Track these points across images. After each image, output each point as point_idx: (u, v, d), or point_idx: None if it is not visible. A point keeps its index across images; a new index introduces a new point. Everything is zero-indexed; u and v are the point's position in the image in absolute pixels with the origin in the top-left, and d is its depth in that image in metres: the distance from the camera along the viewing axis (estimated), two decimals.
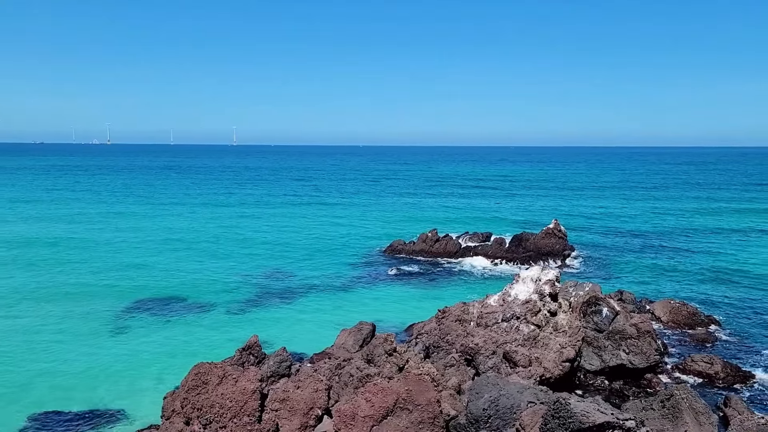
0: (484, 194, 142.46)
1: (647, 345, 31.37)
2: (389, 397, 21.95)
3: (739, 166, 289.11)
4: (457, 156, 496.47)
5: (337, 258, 64.00)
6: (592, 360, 32.04)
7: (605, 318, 33.27)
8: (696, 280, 54.17)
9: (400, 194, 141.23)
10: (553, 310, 31.74)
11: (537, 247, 63.25)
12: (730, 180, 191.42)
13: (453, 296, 45.04)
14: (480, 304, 32.92)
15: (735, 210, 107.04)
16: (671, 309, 41.76)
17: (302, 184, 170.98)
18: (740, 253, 65.88)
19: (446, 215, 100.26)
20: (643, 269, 58.67)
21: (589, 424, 16.39)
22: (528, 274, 33.63)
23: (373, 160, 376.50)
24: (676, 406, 18.50)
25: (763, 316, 42.89)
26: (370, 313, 42.96)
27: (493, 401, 22.40)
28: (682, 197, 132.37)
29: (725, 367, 32.07)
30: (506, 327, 30.70)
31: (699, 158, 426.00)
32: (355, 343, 33.36)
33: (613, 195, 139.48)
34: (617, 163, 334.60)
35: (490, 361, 29.17)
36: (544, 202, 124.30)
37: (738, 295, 48.62)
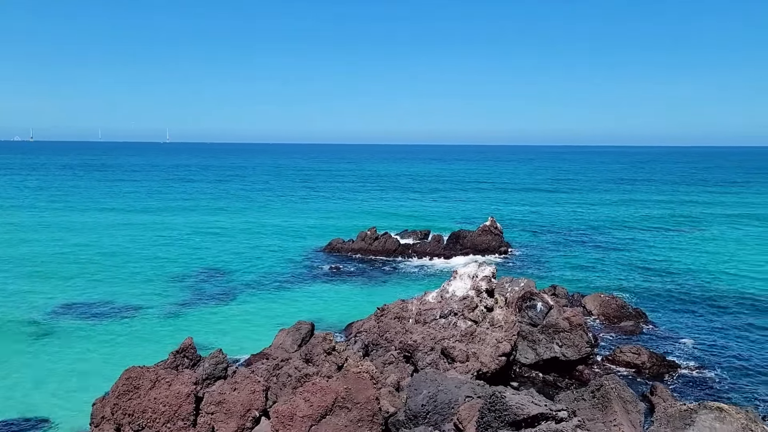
0: (423, 192, 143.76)
1: (579, 338, 32.36)
2: (328, 396, 21.78)
3: (666, 165, 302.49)
4: (395, 154, 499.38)
5: (274, 257, 63.17)
6: (527, 353, 32.83)
7: (539, 312, 34.13)
8: (624, 274, 56.34)
9: (338, 193, 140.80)
10: (489, 306, 32.31)
11: (474, 244, 64.34)
12: (657, 178, 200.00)
13: (392, 294, 45.20)
14: (418, 301, 33.15)
15: (660, 207, 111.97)
16: (601, 302, 43.27)
17: (236, 183, 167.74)
18: (665, 248, 68.97)
19: (385, 213, 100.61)
20: (576, 264, 60.57)
21: (524, 416, 16.74)
22: (465, 271, 34.11)
23: (311, 159, 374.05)
24: (606, 396, 19.14)
25: (686, 307, 45.01)
26: (309, 312, 42.63)
27: (431, 397, 22.57)
28: (613, 195, 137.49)
29: (651, 357, 33.49)
30: (444, 323, 31.02)
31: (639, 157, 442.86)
32: (293, 343, 32.97)
33: (548, 193, 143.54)
34: (553, 162, 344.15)
35: (429, 357, 29.42)
36: (480, 200, 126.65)
37: (663, 288, 50.85)
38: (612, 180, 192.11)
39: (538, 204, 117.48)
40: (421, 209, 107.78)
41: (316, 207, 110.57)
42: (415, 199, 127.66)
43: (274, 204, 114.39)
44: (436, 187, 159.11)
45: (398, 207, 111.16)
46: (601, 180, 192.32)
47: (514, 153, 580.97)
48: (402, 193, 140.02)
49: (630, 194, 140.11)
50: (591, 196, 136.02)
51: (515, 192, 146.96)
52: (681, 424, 15.57)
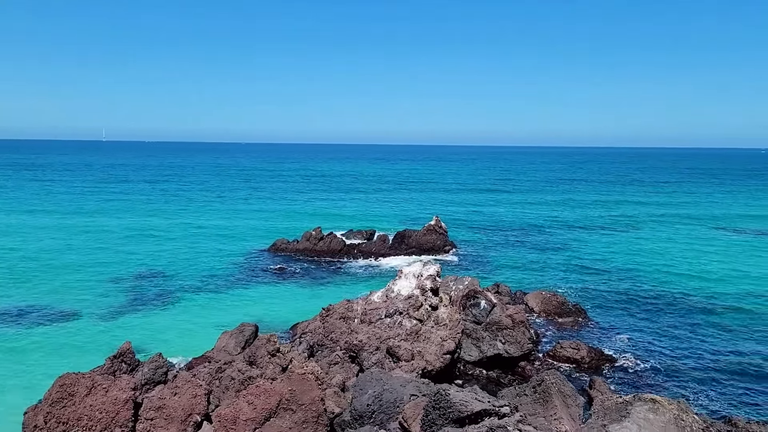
0: (368, 192, 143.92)
1: (521, 335, 33.05)
2: (272, 399, 21.50)
3: (603, 165, 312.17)
4: (339, 154, 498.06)
5: (215, 259, 61.90)
6: (471, 351, 33.28)
7: (483, 310, 34.68)
8: (564, 271, 57.88)
9: (283, 193, 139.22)
10: (434, 305, 32.59)
11: (419, 244, 64.83)
12: (595, 178, 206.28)
13: (337, 294, 45.04)
14: (364, 300, 33.15)
15: (597, 206, 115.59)
16: (543, 299, 44.32)
17: (175, 183, 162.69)
18: (602, 247, 71.23)
19: (330, 213, 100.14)
20: (518, 263, 61.83)
21: (468, 412, 16.95)
22: (410, 270, 34.32)
23: (254, 158, 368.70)
24: (547, 391, 19.61)
25: (622, 303, 46.57)
26: (253, 313, 42.00)
27: (376, 396, 22.58)
28: (553, 195, 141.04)
29: (590, 352, 34.53)
30: (390, 322, 31.11)
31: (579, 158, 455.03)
32: (236, 345, 32.40)
33: (491, 193, 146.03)
34: (496, 162, 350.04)
35: (374, 356, 29.45)
36: (425, 199, 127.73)
37: (600, 284, 52.49)
38: (552, 180, 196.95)
39: (482, 203, 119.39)
40: (366, 209, 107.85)
41: (259, 207, 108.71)
42: (360, 199, 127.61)
43: (214, 204, 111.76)
44: (380, 187, 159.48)
45: (343, 207, 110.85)
46: (541, 180, 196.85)
47: (470, 153, 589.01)
48: (347, 194, 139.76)
49: (569, 194, 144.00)
50: (532, 195, 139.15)
51: (459, 191, 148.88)
52: (617, 415, 16.09)
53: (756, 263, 60.94)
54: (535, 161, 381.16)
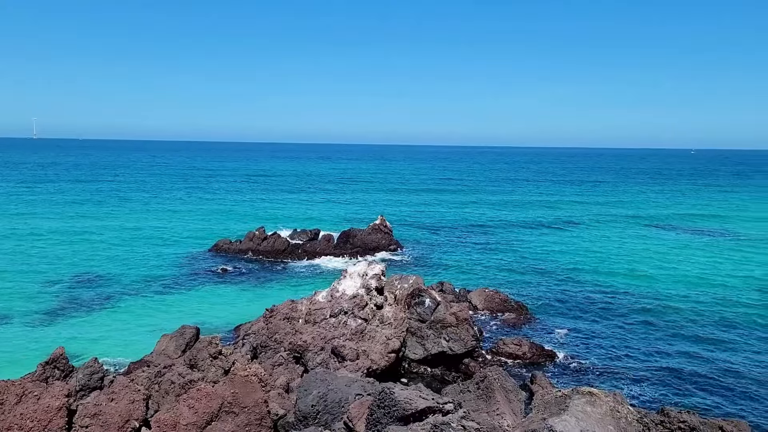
0: (312, 191, 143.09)
1: (465, 332, 33.46)
2: (213, 402, 21.03)
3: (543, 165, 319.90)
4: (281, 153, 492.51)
5: (154, 260, 60.16)
6: (416, 349, 33.48)
7: (428, 308, 34.93)
8: (507, 269, 59.02)
9: (224, 192, 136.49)
10: (379, 304, 32.65)
11: (364, 243, 64.85)
12: (534, 178, 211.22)
13: (281, 294, 44.56)
14: (308, 301, 32.88)
15: (538, 205, 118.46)
16: (486, 297, 45.07)
17: (110, 183, 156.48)
18: (543, 244, 73.01)
19: (273, 213, 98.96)
20: (462, 261, 62.65)
21: (412, 410, 17.00)
22: (355, 270, 34.26)
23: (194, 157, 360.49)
24: (489, 387, 19.91)
25: (562, 299, 47.83)
26: (194, 316, 41.08)
27: (321, 397, 22.40)
28: (496, 194, 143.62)
29: (532, 348, 35.31)
30: (334, 322, 30.97)
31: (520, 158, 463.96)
32: (177, 349, 31.59)
33: (436, 192, 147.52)
34: (440, 162, 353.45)
35: (319, 357, 29.26)
36: (370, 198, 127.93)
37: (541, 281, 53.78)
38: (494, 180, 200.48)
39: (426, 203, 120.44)
40: (310, 209, 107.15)
41: (199, 207, 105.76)
42: (304, 198, 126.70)
43: (151, 204, 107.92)
44: (325, 187, 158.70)
45: (286, 207, 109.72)
46: (483, 179, 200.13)
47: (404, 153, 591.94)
48: (290, 193, 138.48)
49: (510, 193, 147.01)
50: (475, 195, 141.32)
51: (404, 191, 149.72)
52: (556, 409, 16.48)
53: (687, 261, 63.62)
54: (479, 161, 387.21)
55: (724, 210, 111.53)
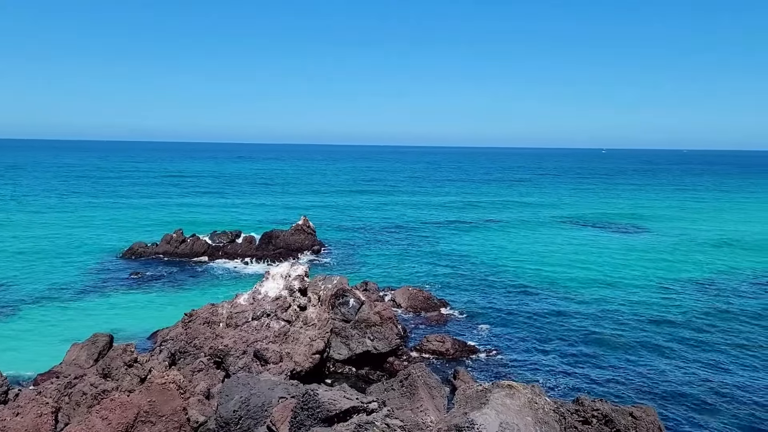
0: (232, 192, 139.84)
1: (389, 330, 33.66)
2: (129, 412, 20.14)
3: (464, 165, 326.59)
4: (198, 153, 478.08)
5: (63, 266, 56.92)
6: (341, 349, 33.36)
7: (352, 308, 34.89)
8: (429, 267, 59.84)
9: (139, 194, 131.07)
10: (302, 305, 32.31)
11: (287, 244, 64.06)
12: (460, 176, 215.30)
13: (201, 298, 43.28)
14: (229, 304, 32.10)
15: (459, 204, 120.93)
16: (409, 295, 45.53)
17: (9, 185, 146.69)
18: (463, 242, 74.59)
19: (191, 215, 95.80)
20: (386, 260, 63.02)
21: (336, 411, 16.91)
22: (278, 271, 33.77)
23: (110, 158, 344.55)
24: (413, 384, 20.09)
25: (484, 296, 48.97)
26: (108, 323, 39.20)
27: (243, 401, 21.89)
28: (419, 193, 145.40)
29: (454, 344, 35.94)
30: (257, 325, 30.38)
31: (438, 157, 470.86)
32: (89, 358, 30.09)
33: (359, 192, 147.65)
34: (363, 162, 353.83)
35: (241, 361, 28.62)
36: (292, 199, 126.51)
37: (463, 278, 54.87)
38: (416, 179, 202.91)
39: (349, 203, 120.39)
40: (230, 210, 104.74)
41: (111, 210, 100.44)
42: (224, 199, 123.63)
43: (57, 207, 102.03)
44: (244, 187, 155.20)
45: (205, 208, 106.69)
46: (405, 179, 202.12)
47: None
48: (209, 194, 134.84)
49: (432, 192, 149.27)
50: (398, 194, 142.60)
51: (326, 191, 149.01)
52: (477, 403, 16.81)
53: (600, 258, 66.57)
54: (401, 159, 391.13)
55: (635, 208, 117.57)
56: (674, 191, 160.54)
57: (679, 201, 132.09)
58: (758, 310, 44.96)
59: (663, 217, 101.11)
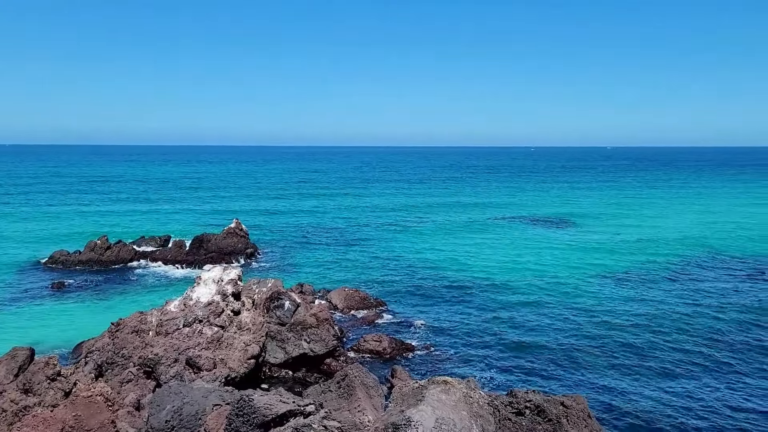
0: (160, 196, 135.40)
1: (326, 332, 33.46)
2: (52, 428, 19.20)
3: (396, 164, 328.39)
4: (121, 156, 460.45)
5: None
6: (277, 353, 32.93)
7: (287, 311, 34.50)
8: (365, 267, 59.90)
9: (58, 198, 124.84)
10: (236, 309, 31.66)
11: (219, 248, 62.63)
12: (393, 177, 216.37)
13: (129, 307, 41.71)
14: (159, 311, 31.07)
15: (395, 204, 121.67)
16: (346, 296, 45.45)
17: None
18: (398, 242, 75.09)
19: (117, 221, 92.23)
20: (321, 261, 62.66)
21: (272, 415, 16.64)
22: (210, 276, 32.97)
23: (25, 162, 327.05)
24: (350, 385, 20.03)
25: (420, 294, 49.45)
26: (27, 336, 37.20)
27: (176, 411, 21.25)
28: (352, 194, 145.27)
29: (392, 343, 36.12)
30: (188, 332, 29.55)
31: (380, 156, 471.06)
32: (8, 373, 28.38)
33: (292, 193, 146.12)
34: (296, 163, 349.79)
35: (173, 369, 27.77)
36: (223, 202, 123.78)
37: (398, 278, 55.23)
38: (349, 179, 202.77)
39: (283, 205, 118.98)
40: (158, 215, 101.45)
41: (26, 217, 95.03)
42: (150, 204, 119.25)
43: None
44: (171, 192, 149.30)
45: (130, 213, 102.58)
46: (338, 179, 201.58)
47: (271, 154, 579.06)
48: (136, 198, 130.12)
49: (365, 193, 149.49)
50: (331, 195, 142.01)
51: (258, 193, 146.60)
52: (414, 400, 16.94)
53: (534, 252, 68.48)
54: (333, 160, 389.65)
55: (564, 205, 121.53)
56: (600, 188, 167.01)
57: (605, 197, 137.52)
58: (675, 299, 47.39)
59: (592, 214, 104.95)
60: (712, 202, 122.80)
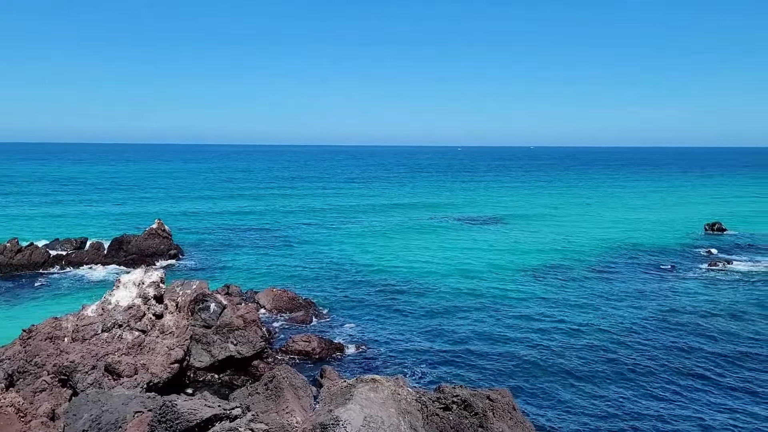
0: (79, 196, 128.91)
1: (253, 334, 32.90)
2: None
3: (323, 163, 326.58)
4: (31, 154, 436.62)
5: None
6: (202, 356, 32.12)
7: (213, 313, 33.72)
8: (293, 267, 59.30)
9: None
10: (158, 313, 30.63)
11: (140, 250, 60.42)
12: (319, 175, 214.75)
13: (42, 312, 39.45)
14: (75, 316, 29.63)
15: (321, 202, 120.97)
16: (274, 296, 44.83)
17: None
18: (325, 241, 74.78)
19: (28, 223, 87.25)
20: (248, 262, 61.56)
21: (197, 420, 16.18)
22: (130, 278, 31.72)
23: None
24: (278, 386, 19.76)
25: (348, 293, 49.41)
26: None
27: (94, 420, 20.35)
28: (278, 193, 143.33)
29: (321, 343, 35.90)
30: (107, 337, 28.34)
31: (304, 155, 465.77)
32: None
33: (216, 192, 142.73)
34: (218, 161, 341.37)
35: (91, 376, 26.56)
36: (148, 202, 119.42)
37: (327, 277, 55.04)
38: (275, 179, 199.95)
39: (208, 205, 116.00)
40: (73, 214, 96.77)
41: None
42: (63, 206, 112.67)
43: None
44: (89, 192, 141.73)
45: (43, 213, 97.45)
46: (263, 179, 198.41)
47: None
48: (46, 196, 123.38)
49: (291, 192, 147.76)
50: (257, 194, 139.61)
51: (181, 192, 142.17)
52: (342, 399, 16.90)
53: (460, 250, 69.76)
54: (261, 159, 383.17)
55: (489, 204, 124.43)
56: (527, 187, 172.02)
57: (530, 196, 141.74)
58: (594, 295, 49.52)
59: (517, 213, 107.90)
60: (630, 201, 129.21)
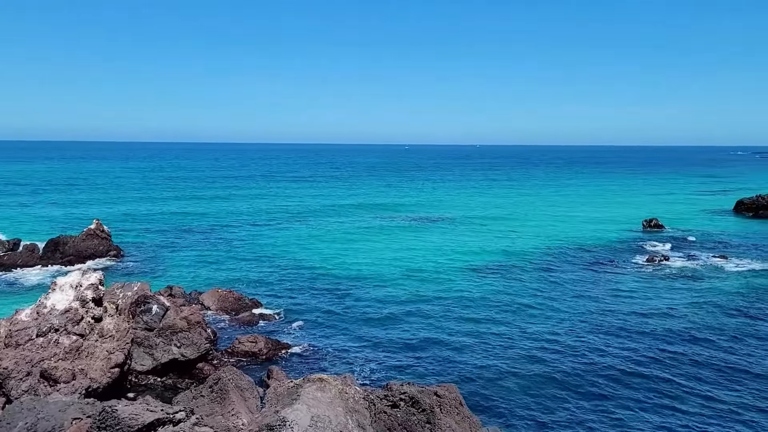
0: (8, 195, 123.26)
1: (198, 335, 32.25)
2: None
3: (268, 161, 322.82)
4: None
5: None
6: (144, 360, 31.30)
7: (155, 315, 32.89)
8: (239, 267, 58.38)
9: None
10: (97, 316, 29.65)
11: (78, 251, 58.32)
12: (263, 172, 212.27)
13: None
14: (7, 321, 28.39)
15: (266, 200, 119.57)
16: (219, 297, 44.04)
17: None
18: (271, 240, 73.94)
19: None
20: (191, 262, 60.24)
21: (138, 425, 15.74)
22: (66, 281, 30.58)
23: None
24: (223, 388, 19.43)
25: (297, 293, 48.99)
26: None
27: (29, 428, 19.56)
28: (220, 192, 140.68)
29: (267, 343, 35.48)
30: (43, 342, 27.25)
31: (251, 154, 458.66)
32: None
33: (156, 191, 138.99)
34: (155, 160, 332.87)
35: (25, 383, 25.51)
36: (85, 202, 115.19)
37: (273, 276, 54.41)
38: (215, 177, 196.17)
39: (147, 204, 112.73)
40: (10, 213, 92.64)
41: None
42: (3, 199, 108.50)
43: None
44: (20, 191, 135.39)
45: None
46: (203, 177, 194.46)
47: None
48: None
49: (232, 191, 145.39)
50: (198, 193, 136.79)
51: (118, 192, 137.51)
52: (289, 399, 16.75)
53: (408, 248, 70.10)
54: (207, 157, 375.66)
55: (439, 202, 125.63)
56: (468, 184, 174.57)
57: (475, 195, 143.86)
58: (535, 291, 50.68)
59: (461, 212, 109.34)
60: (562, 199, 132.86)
